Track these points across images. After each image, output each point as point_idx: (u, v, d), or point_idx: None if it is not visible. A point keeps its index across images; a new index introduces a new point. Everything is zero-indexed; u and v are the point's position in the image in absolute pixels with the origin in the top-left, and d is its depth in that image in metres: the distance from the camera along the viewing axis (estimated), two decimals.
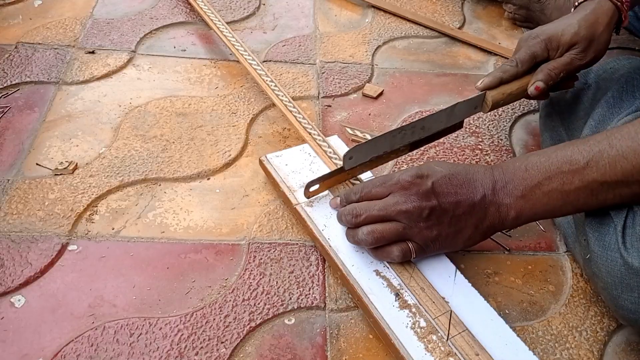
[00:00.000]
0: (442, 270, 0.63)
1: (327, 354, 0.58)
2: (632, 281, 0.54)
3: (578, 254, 0.66)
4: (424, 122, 0.70)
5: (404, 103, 0.93)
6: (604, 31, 0.73)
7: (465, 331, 0.57)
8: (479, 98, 0.73)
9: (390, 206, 0.59)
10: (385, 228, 0.59)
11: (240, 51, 0.91)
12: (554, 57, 0.74)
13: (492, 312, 0.60)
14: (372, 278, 0.61)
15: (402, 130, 0.69)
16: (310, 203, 0.69)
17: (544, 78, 0.72)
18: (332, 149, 0.76)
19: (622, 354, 0.61)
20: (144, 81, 0.92)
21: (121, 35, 1.00)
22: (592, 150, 0.55)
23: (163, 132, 0.82)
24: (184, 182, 0.76)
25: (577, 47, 0.73)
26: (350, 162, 0.67)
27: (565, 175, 0.56)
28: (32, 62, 0.92)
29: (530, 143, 0.88)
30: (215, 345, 0.58)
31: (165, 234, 0.69)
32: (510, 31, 1.15)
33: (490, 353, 0.55)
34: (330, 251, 0.64)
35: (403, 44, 1.07)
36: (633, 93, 0.71)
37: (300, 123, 0.80)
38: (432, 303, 0.59)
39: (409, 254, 0.60)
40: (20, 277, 0.62)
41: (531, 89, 0.73)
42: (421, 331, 0.57)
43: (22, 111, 0.83)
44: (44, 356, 0.56)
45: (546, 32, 0.74)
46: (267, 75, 0.87)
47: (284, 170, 0.74)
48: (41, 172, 0.75)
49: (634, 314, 0.55)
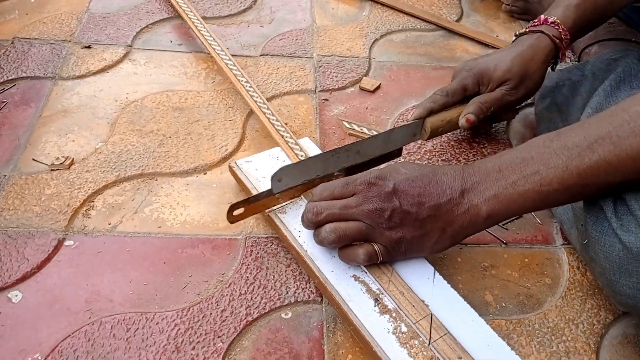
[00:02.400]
0: (420, 273, 0.61)
1: (324, 348, 0.58)
2: (631, 266, 0.53)
3: (575, 239, 0.66)
4: (360, 146, 0.67)
5: (401, 97, 0.93)
6: (538, 69, 0.75)
7: (447, 334, 0.56)
8: (416, 125, 0.72)
9: (351, 206, 0.58)
10: (348, 226, 0.58)
11: (218, 51, 0.91)
12: (485, 91, 0.76)
13: (472, 312, 0.58)
14: (351, 284, 0.60)
15: (335, 153, 0.65)
16: (283, 209, 0.67)
17: (475, 111, 0.74)
18: (303, 152, 0.74)
19: (618, 347, 0.61)
20: (141, 76, 0.92)
21: (117, 30, 1.00)
22: (571, 153, 0.53)
23: (160, 126, 0.82)
24: (180, 176, 0.76)
25: (508, 84, 0.75)
26: (278, 184, 0.63)
27: (543, 177, 0.54)
28: (29, 57, 0.92)
29: (527, 136, 0.87)
30: (212, 339, 0.58)
31: (162, 229, 0.69)
32: (508, 24, 1.15)
33: (472, 355, 0.54)
34: (306, 258, 0.62)
35: (400, 37, 1.07)
36: (630, 83, 0.71)
37: (273, 125, 0.79)
38: (412, 307, 0.58)
39: (374, 256, 0.59)
40: (17, 272, 0.62)
41: (462, 121, 0.75)
42: (403, 336, 0.55)
43: (18, 106, 0.83)
44: (41, 351, 0.56)
45: (479, 66, 0.76)
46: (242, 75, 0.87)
47: (254, 175, 0.71)
48: (37, 167, 0.75)
49: (632, 299, 0.54)
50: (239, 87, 0.85)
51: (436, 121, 0.73)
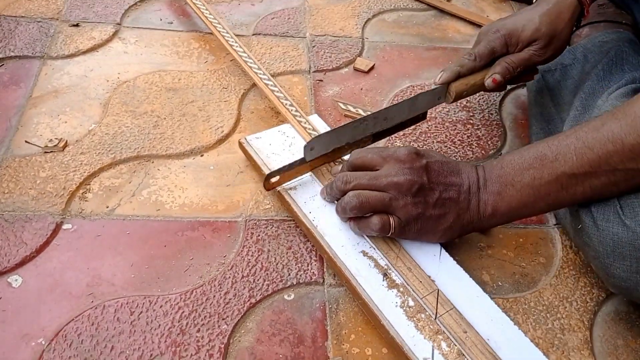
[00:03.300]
0: (427, 249, 0.63)
1: (327, 328, 0.59)
2: (625, 249, 0.55)
3: (568, 224, 0.67)
4: (387, 112, 0.70)
5: (395, 77, 0.93)
6: (565, 27, 0.74)
7: (453, 309, 0.58)
8: (442, 89, 0.73)
9: (381, 176, 0.60)
10: (372, 194, 0.60)
11: (218, 28, 0.89)
12: (513, 51, 0.75)
13: (477, 288, 0.61)
14: (360, 259, 0.62)
15: (364, 121, 0.68)
16: (294, 186, 0.69)
17: (502, 71, 0.73)
18: (312, 127, 0.76)
19: (611, 323, 0.63)
20: (131, 55, 0.90)
21: (105, 7, 0.98)
22: (560, 144, 0.57)
23: (153, 107, 0.81)
24: (177, 158, 0.75)
25: (537, 44, 0.73)
26: (311, 153, 0.66)
27: (536, 170, 0.57)
28: (16, 35, 0.89)
29: (519, 117, 0.89)
30: (217, 321, 0.59)
31: (161, 212, 0.68)
32: (498, 4, 1.15)
33: (477, 329, 0.56)
34: (315, 233, 0.64)
35: (392, 17, 1.06)
36: (622, 67, 0.72)
37: (282, 103, 0.79)
38: (419, 282, 0.60)
39: (388, 226, 0.60)
40: (16, 256, 0.62)
41: (488, 81, 0.74)
42: (410, 310, 0.57)
43: (7, 87, 0.81)
44: (44, 336, 0.56)
45: (506, 27, 0.74)
46: (244, 51, 0.86)
47: (265, 152, 0.73)
48: (31, 149, 0.73)
49: (626, 282, 0.56)
50: (243, 65, 0.84)
51: (461, 85, 0.73)
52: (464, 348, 0.54)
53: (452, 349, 0.55)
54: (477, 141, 0.83)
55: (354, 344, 0.58)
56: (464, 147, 0.81)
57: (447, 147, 0.81)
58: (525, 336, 0.57)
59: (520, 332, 0.57)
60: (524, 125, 0.87)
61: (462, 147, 0.81)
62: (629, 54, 0.75)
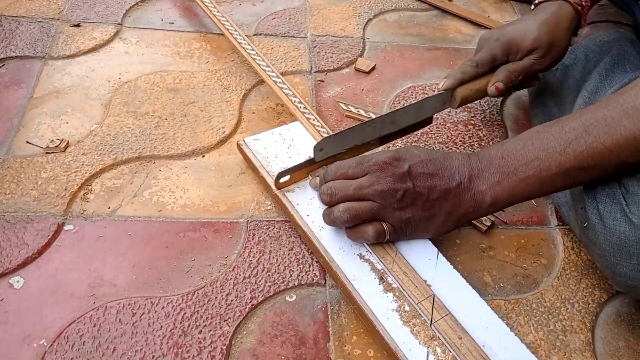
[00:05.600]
0: (424, 254, 0.63)
1: (328, 330, 0.59)
2: (632, 247, 0.55)
3: (573, 222, 0.67)
4: (394, 115, 0.70)
5: (397, 78, 0.93)
6: (563, 36, 0.74)
7: (448, 315, 0.57)
8: (447, 94, 0.74)
9: (365, 186, 0.59)
10: (361, 206, 0.59)
11: (227, 26, 0.89)
12: (513, 60, 0.75)
13: (474, 294, 0.60)
14: (356, 262, 0.61)
15: (372, 123, 0.68)
16: (291, 188, 0.69)
17: (504, 79, 0.74)
18: (322, 125, 0.76)
19: (612, 325, 0.63)
20: (133, 55, 0.90)
21: (106, 7, 0.98)
22: (568, 137, 0.56)
23: (155, 108, 0.81)
24: (178, 159, 0.75)
25: (537, 53, 0.74)
26: (320, 153, 0.67)
27: (542, 162, 0.56)
28: (17, 36, 0.89)
29: (520, 118, 0.89)
30: (219, 323, 0.59)
31: (163, 213, 0.68)
32: (499, 4, 1.15)
33: (472, 336, 0.56)
34: (312, 237, 0.63)
35: (394, 17, 1.06)
36: (624, 66, 0.72)
37: (291, 100, 0.79)
38: (415, 287, 0.59)
39: (383, 234, 0.60)
40: (18, 258, 0.62)
41: (491, 89, 0.74)
42: (405, 315, 0.57)
43: (8, 87, 0.81)
44: (46, 337, 0.56)
45: (506, 36, 0.75)
46: (253, 49, 0.85)
47: (263, 154, 0.73)
48: (32, 150, 0.73)
49: (633, 280, 0.56)
50: (252, 64, 0.84)
51: (465, 90, 0.74)
52: (458, 354, 0.54)
53: (447, 355, 0.54)
54: (479, 142, 0.83)
55: (355, 345, 0.58)
56: (466, 147, 0.81)
57: (448, 148, 0.81)
58: (521, 342, 0.56)
59: (516, 339, 0.56)
60: (525, 125, 0.87)
61: (464, 147, 0.81)
62: (630, 53, 0.75)
